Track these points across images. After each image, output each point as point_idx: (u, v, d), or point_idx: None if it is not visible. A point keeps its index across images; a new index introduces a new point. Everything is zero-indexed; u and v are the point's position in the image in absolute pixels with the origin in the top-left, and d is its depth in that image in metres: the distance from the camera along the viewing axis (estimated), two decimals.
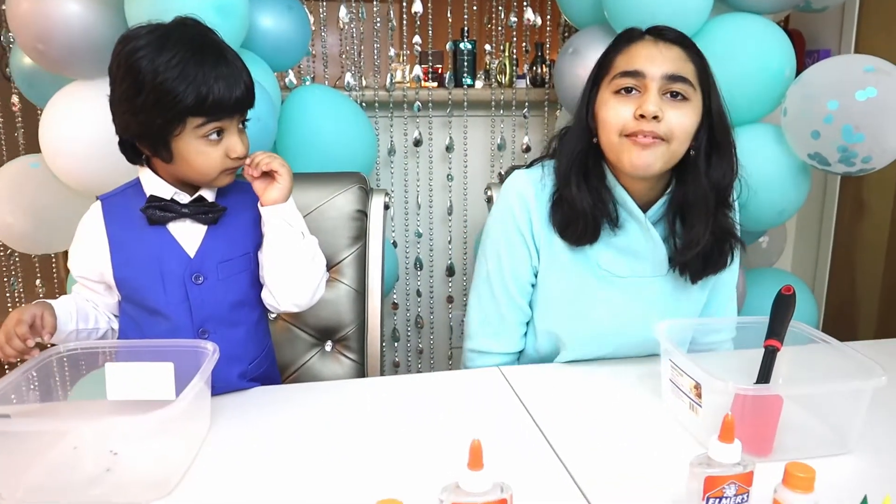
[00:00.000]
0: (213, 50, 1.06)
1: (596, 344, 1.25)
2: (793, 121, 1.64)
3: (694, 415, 0.97)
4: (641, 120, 1.07)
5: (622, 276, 1.20)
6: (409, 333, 2.41)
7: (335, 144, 1.93)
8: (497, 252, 1.25)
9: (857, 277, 2.38)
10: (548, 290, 1.25)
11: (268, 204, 1.11)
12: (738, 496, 0.70)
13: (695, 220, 1.14)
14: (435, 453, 0.94)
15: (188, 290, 1.10)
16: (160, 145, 1.06)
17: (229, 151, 1.08)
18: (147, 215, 1.09)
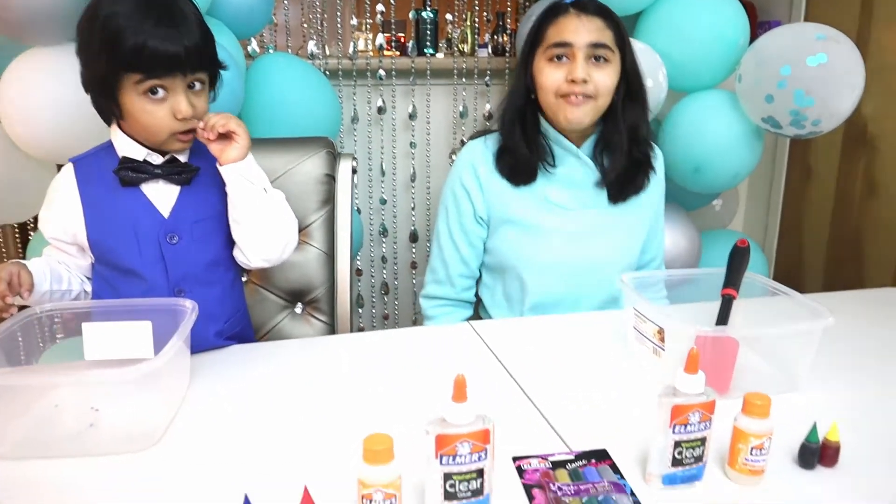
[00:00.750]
0: (166, 5, 1.04)
1: (556, 274, 1.39)
2: (747, 86, 1.70)
3: (657, 358, 1.03)
4: (572, 83, 1.29)
5: (569, 209, 1.38)
6: (374, 299, 2.43)
7: (299, 112, 1.93)
8: (445, 209, 1.46)
9: (804, 238, 2.49)
10: (505, 232, 1.40)
11: (226, 163, 1.11)
12: (701, 423, 0.75)
13: (615, 152, 1.37)
14: (415, 399, 0.98)
15: (163, 249, 1.11)
16: (110, 100, 1.06)
17: (175, 111, 1.06)
18: (120, 177, 1.09)
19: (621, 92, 1.35)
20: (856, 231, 2.24)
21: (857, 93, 1.60)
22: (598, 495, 0.74)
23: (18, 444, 0.88)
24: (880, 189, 2.14)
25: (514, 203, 1.38)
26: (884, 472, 0.81)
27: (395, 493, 0.68)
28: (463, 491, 0.70)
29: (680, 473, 0.77)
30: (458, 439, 0.68)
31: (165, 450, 0.86)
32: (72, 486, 0.79)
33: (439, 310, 1.50)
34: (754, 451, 0.77)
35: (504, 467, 0.81)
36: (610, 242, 1.40)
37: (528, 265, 1.39)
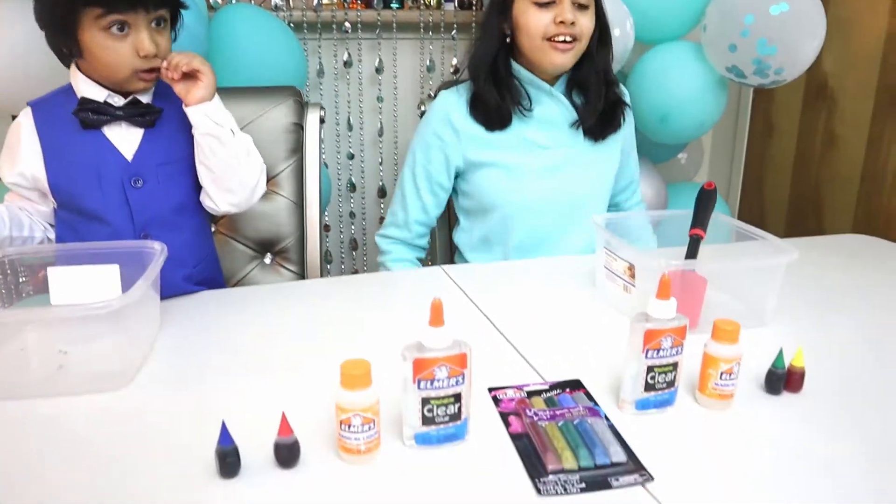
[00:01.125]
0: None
1: (539, 211, 1.42)
2: (712, 36, 1.72)
3: (628, 295, 1.04)
4: (560, 25, 1.30)
5: (546, 147, 1.41)
6: (343, 255, 2.43)
7: (264, 65, 1.89)
8: (413, 155, 1.47)
9: (766, 190, 2.53)
10: (485, 174, 1.41)
11: (193, 104, 1.09)
12: (673, 348, 0.77)
13: (591, 93, 1.40)
14: (390, 331, 0.98)
15: (127, 193, 1.09)
16: (68, 37, 1.03)
17: (137, 48, 1.04)
18: (80, 118, 1.06)
19: (595, 36, 1.38)
20: (816, 183, 2.29)
21: (819, 41, 1.63)
22: (574, 419, 0.75)
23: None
24: (839, 142, 2.19)
25: (493, 146, 1.40)
26: (846, 398, 0.84)
27: (374, 418, 0.69)
28: (441, 416, 0.71)
29: (652, 398, 0.79)
30: (435, 363, 0.69)
31: (139, 388, 0.86)
32: (44, 425, 0.78)
33: (394, 246, 1.51)
34: (724, 376, 0.79)
35: (480, 397, 0.82)
36: (589, 176, 1.44)
37: (511, 204, 1.41)
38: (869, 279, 1.23)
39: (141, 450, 0.73)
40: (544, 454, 0.70)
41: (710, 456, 0.72)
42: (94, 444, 0.74)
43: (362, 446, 0.69)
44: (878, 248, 1.44)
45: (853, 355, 0.95)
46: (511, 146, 1.40)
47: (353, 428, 0.68)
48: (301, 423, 0.71)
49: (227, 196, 1.15)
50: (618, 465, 0.69)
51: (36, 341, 0.96)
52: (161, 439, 0.75)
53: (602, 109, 1.41)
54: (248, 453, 0.69)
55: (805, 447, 0.74)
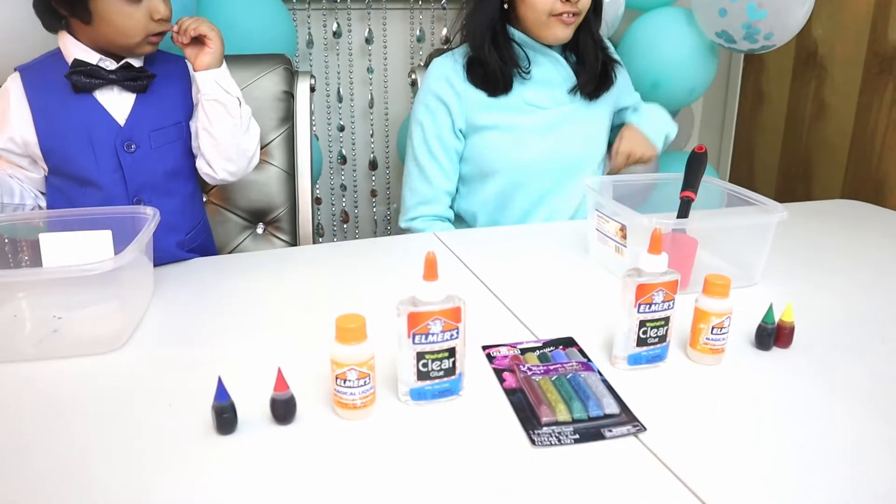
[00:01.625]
0: None
1: (538, 170, 1.43)
2: (702, 1, 1.71)
3: (620, 256, 1.05)
4: (566, 3, 1.32)
5: (545, 107, 1.43)
6: (335, 228, 2.42)
7: (253, 35, 1.87)
8: (421, 125, 1.43)
9: (756, 159, 2.54)
10: (485, 137, 1.42)
11: (201, 69, 1.10)
12: (665, 302, 0.78)
13: (588, 56, 1.44)
14: (385, 290, 0.98)
15: (120, 158, 1.08)
16: (77, 5, 1.02)
17: (152, 12, 1.05)
18: (72, 82, 1.06)
19: (591, 5, 1.39)
20: (805, 150, 2.30)
21: (808, 6, 1.63)
22: (567, 374, 0.76)
23: None
24: (829, 110, 2.19)
25: (493, 109, 1.40)
26: (835, 354, 0.85)
27: (369, 373, 0.70)
28: (436, 370, 0.72)
29: (645, 353, 0.80)
30: (430, 317, 0.69)
31: (134, 350, 0.86)
32: (40, 386, 0.78)
33: (430, 223, 1.46)
34: (715, 331, 0.80)
35: (474, 355, 0.83)
36: (584, 133, 1.47)
37: (512, 166, 1.42)
38: (856, 242, 1.25)
39: (137, 408, 0.73)
40: (538, 407, 0.71)
41: (701, 408, 0.74)
42: (90, 405, 0.74)
43: (358, 401, 0.70)
44: (865, 212, 1.45)
45: (841, 312, 0.96)
46: (511, 108, 1.41)
47: (348, 382, 0.69)
48: (297, 380, 0.71)
49: (225, 164, 1.15)
50: (611, 416, 0.70)
51: (30, 307, 0.96)
52: (157, 398, 0.75)
53: (598, 71, 1.44)
54: (245, 409, 0.70)
55: (794, 400, 0.75)
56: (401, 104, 2.33)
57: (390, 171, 2.40)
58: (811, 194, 2.29)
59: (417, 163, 1.45)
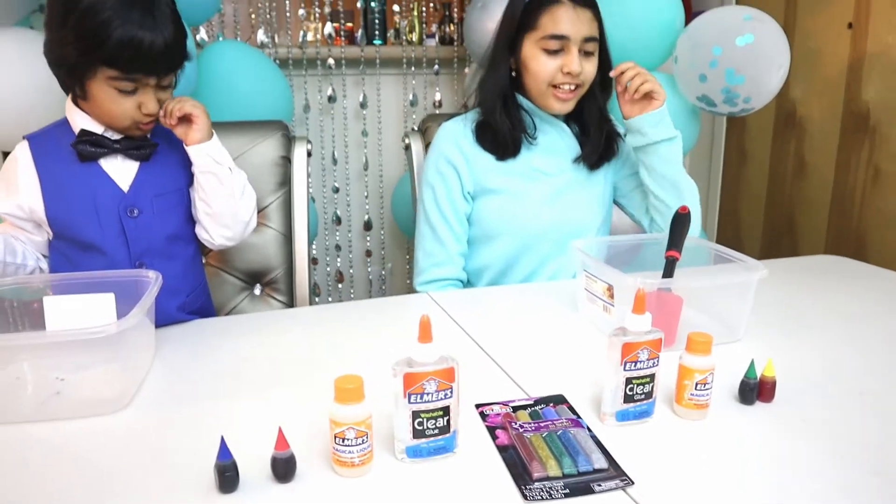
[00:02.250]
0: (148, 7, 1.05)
1: (541, 236, 1.45)
2: (683, 67, 1.79)
3: (607, 315, 1.09)
4: (567, 75, 1.35)
5: (550, 174, 1.45)
6: (330, 287, 2.46)
7: (251, 100, 1.94)
8: (432, 188, 1.46)
9: (742, 216, 2.60)
10: (490, 201, 1.45)
11: (191, 144, 1.14)
12: (650, 360, 0.81)
13: (592, 129, 1.46)
14: (381, 350, 1.01)
15: (124, 223, 1.12)
16: (76, 82, 1.07)
17: (141, 106, 1.09)
18: (78, 150, 1.10)
19: (597, 77, 1.42)
20: (789, 208, 2.37)
21: (784, 71, 1.71)
22: (557, 430, 0.79)
23: None
24: (809, 168, 2.27)
25: (500, 174, 1.43)
26: (818, 408, 0.87)
27: (367, 432, 0.72)
28: (431, 428, 0.74)
29: (632, 409, 0.83)
30: (424, 377, 0.72)
31: (137, 410, 0.88)
32: (42, 447, 0.80)
33: (447, 287, 1.47)
34: (699, 387, 0.83)
35: (468, 413, 0.85)
36: (586, 201, 1.49)
37: (516, 231, 1.44)
38: (836, 296, 1.28)
39: (140, 468, 0.75)
40: (530, 463, 0.73)
41: (688, 462, 0.76)
42: (92, 464, 0.76)
43: (356, 459, 0.72)
44: (846, 267, 1.50)
45: (821, 366, 0.99)
46: (518, 174, 1.44)
47: (347, 441, 0.71)
48: (297, 439, 0.74)
49: (222, 230, 1.19)
50: (600, 471, 0.73)
51: (33, 369, 0.97)
52: (159, 457, 0.77)
53: (602, 143, 1.46)
54: (246, 468, 0.72)
55: (778, 453, 0.77)
56: (395, 166, 2.40)
57: (385, 231, 2.45)
58: (796, 250, 2.34)
59: (430, 225, 1.47)
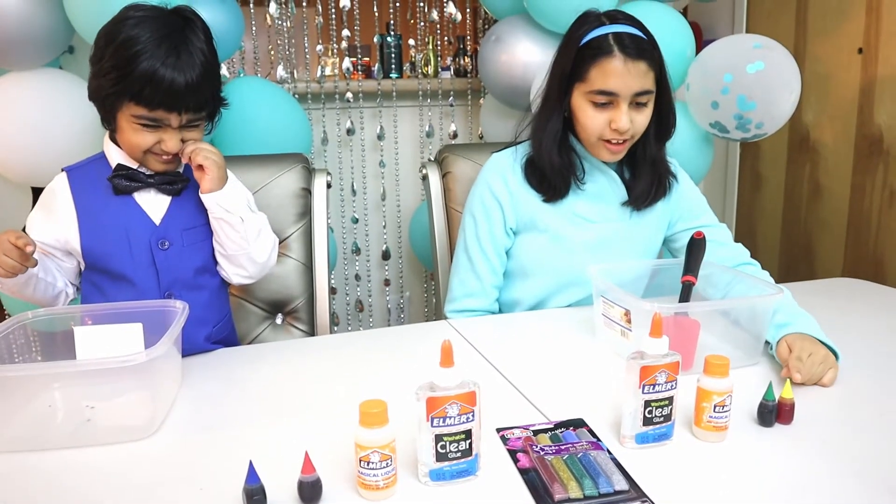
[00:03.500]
0: (182, 47, 1.10)
1: (576, 282, 1.41)
2: (695, 94, 1.81)
3: (625, 340, 1.10)
4: (615, 131, 1.29)
5: (594, 221, 1.41)
6: (350, 317, 2.48)
7: (272, 134, 1.98)
8: (474, 219, 1.44)
9: (758, 241, 2.61)
10: (530, 239, 1.42)
11: (204, 193, 1.17)
12: (668, 383, 0.82)
13: (643, 174, 1.39)
14: (403, 376, 1.02)
15: (154, 254, 1.16)
16: (108, 114, 1.13)
17: (161, 143, 1.13)
18: (114, 184, 1.15)
19: (653, 122, 1.34)
20: (805, 231, 2.37)
21: (795, 96, 1.73)
22: (578, 453, 0.80)
23: (14, 439, 0.90)
24: (824, 191, 2.27)
25: (543, 214, 1.40)
26: (836, 428, 0.88)
27: (391, 455, 0.74)
28: (453, 451, 0.76)
29: (651, 432, 0.84)
30: (447, 401, 0.74)
31: (165, 436, 0.90)
32: (73, 473, 0.82)
33: (479, 317, 1.45)
34: (717, 409, 0.84)
35: (489, 437, 0.87)
36: (632, 249, 1.43)
37: (553, 273, 1.42)
38: (853, 319, 1.29)
39: (170, 492, 0.77)
40: (551, 485, 0.74)
41: (708, 484, 0.77)
42: (123, 489, 0.78)
43: (381, 482, 0.74)
44: (863, 289, 1.50)
45: (841, 389, 1.00)
46: (561, 216, 1.40)
47: (371, 465, 0.73)
48: (323, 463, 0.76)
49: (237, 270, 1.23)
50: (620, 492, 0.74)
51: (63, 398, 1.00)
52: (189, 482, 0.79)
53: (650, 182, 1.40)
54: (274, 492, 0.74)
55: (798, 474, 0.78)
56: (412, 196, 2.43)
57: (403, 260, 2.48)
58: (814, 273, 2.34)
59: (469, 255, 1.44)
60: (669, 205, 1.45)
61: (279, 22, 2.29)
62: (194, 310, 1.13)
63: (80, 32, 1.61)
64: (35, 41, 1.58)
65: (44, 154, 1.64)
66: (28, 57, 1.61)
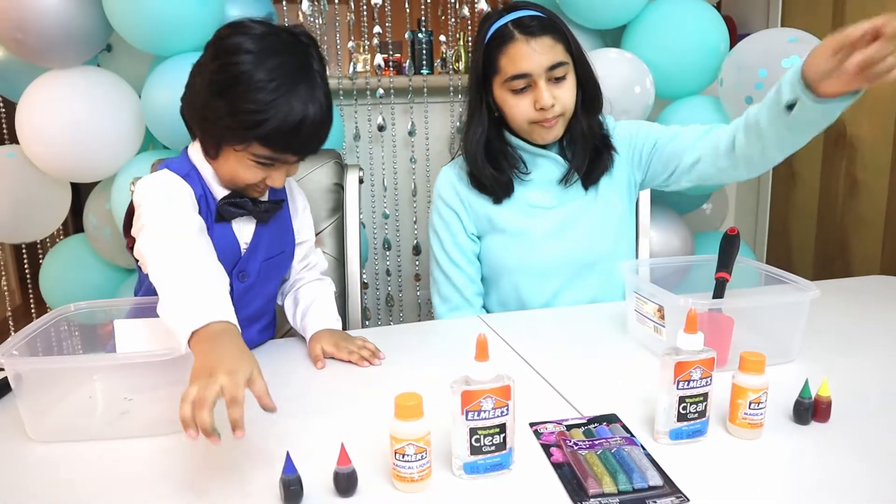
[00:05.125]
0: (312, 86, 1.03)
1: (548, 273, 1.42)
2: (728, 89, 1.80)
3: (658, 336, 1.09)
4: (542, 111, 1.30)
5: (551, 207, 1.42)
6: (380, 312, 2.50)
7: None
8: (437, 235, 1.47)
9: (792, 238, 2.57)
10: (493, 241, 1.44)
11: None
12: (703, 379, 0.82)
13: (578, 149, 1.39)
14: (438, 369, 1.04)
15: (234, 284, 1.13)
16: (212, 141, 1.06)
17: (268, 179, 1.08)
18: (221, 211, 1.10)
19: (579, 96, 1.36)
20: (841, 229, 2.33)
21: None
22: (612, 448, 0.80)
23: (55, 429, 0.92)
24: (861, 187, 2.23)
25: (498, 214, 1.42)
26: (874, 427, 0.87)
27: (426, 448, 0.75)
28: (487, 445, 0.77)
29: (685, 428, 0.84)
30: (481, 395, 0.75)
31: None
32: (109, 465, 0.83)
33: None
34: (752, 406, 0.84)
35: (522, 432, 0.87)
36: (595, 232, 1.42)
37: (521, 271, 1.43)
38: (892, 316, 1.27)
39: (207, 482, 0.79)
40: (585, 479, 0.75)
41: (743, 481, 0.76)
42: (159, 481, 0.80)
43: (416, 475, 0.75)
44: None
45: (879, 387, 0.99)
46: (515, 212, 1.42)
47: (406, 457, 0.74)
48: (358, 454, 0.77)
49: None
50: (655, 488, 0.74)
51: (104, 389, 1.02)
52: (226, 473, 0.80)
53: (590, 157, 1.40)
54: (310, 483, 0.75)
55: (834, 473, 0.77)
56: None
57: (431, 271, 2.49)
58: (849, 271, 2.30)
59: (443, 271, 1.47)
60: (622, 158, 1.44)
61: (311, 18, 2.31)
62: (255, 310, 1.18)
63: (119, 31, 1.64)
64: (74, 40, 1.61)
65: (83, 151, 1.67)
66: (67, 55, 1.65)
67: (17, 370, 0.89)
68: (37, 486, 0.80)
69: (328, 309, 1.22)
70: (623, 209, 1.46)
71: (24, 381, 0.90)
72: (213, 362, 0.76)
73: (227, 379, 0.74)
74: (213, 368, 0.75)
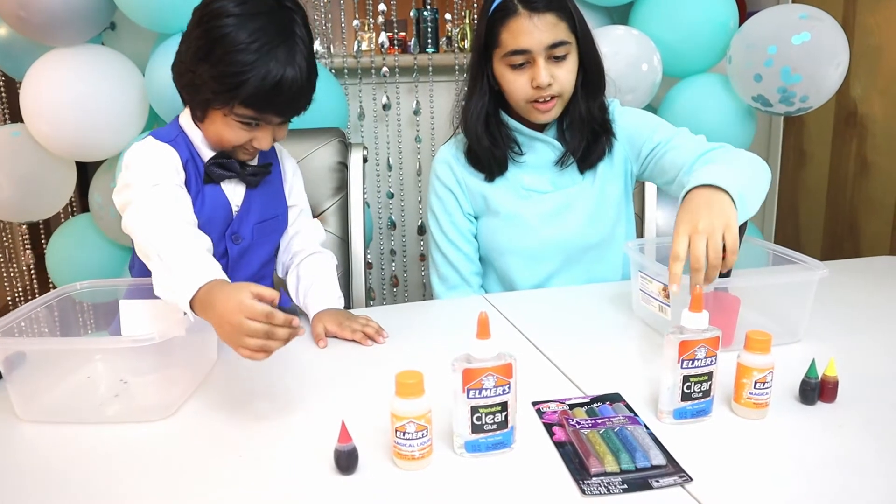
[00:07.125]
0: (291, 48, 1.04)
1: (542, 256, 1.42)
2: (737, 67, 1.77)
3: (663, 315, 1.09)
4: (538, 89, 1.28)
5: (546, 192, 1.41)
6: (385, 292, 2.49)
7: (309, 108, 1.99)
8: (434, 215, 1.47)
9: (801, 219, 2.55)
10: (487, 223, 1.44)
11: None
12: (707, 358, 0.81)
13: (575, 132, 1.37)
14: (439, 348, 1.03)
15: (228, 247, 1.16)
16: (199, 105, 1.09)
17: (255, 141, 1.10)
18: (209, 172, 1.12)
19: (580, 78, 1.34)
20: (850, 210, 2.31)
21: (842, 69, 1.67)
22: (615, 427, 0.79)
23: (50, 409, 0.92)
24: (871, 168, 2.21)
25: (492, 195, 1.41)
26: (881, 408, 0.86)
27: (427, 426, 0.74)
28: (489, 423, 0.76)
29: (690, 408, 0.83)
30: (483, 373, 0.74)
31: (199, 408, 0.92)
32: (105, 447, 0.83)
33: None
34: (758, 385, 0.83)
35: (524, 411, 0.87)
36: (591, 214, 1.41)
37: (513, 253, 1.42)
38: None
39: (208, 459, 0.79)
40: (587, 458, 0.74)
41: (747, 460, 0.76)
42: (155, 462, 0.80)
43: (416, 453, 0.74)
44: None
45: (886, 368, 0.98)
46: (509, 194, 1.41)
47: (407, 435, 0.74)
48: (358, 432, 0.76)
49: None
50: (658, 467, 0.73)
51: (103, 371, 1.02)
52: (226, 450, 0.80)
53: (587, 140, 1.37)
54: (309, 460, 0.75)
55: (840, 453, 0.77)
56: None
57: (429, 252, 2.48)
58: (859, 252, 2.28)
59: (440, 251, 1.47)
60: (621, 145, 1.41)
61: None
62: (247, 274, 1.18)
63: (122, 8, 1.63)
64: (78, 18, 1.60)
65: (87, 129, 1.67)
66: (71, 33, 1.64)
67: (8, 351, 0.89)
68: (25, 466, 0.80)
69: (331, 287, 1.22)
70: (620, 194, 1.44)
71: (13, 363, 0.89)
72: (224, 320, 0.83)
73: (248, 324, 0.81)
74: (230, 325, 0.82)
